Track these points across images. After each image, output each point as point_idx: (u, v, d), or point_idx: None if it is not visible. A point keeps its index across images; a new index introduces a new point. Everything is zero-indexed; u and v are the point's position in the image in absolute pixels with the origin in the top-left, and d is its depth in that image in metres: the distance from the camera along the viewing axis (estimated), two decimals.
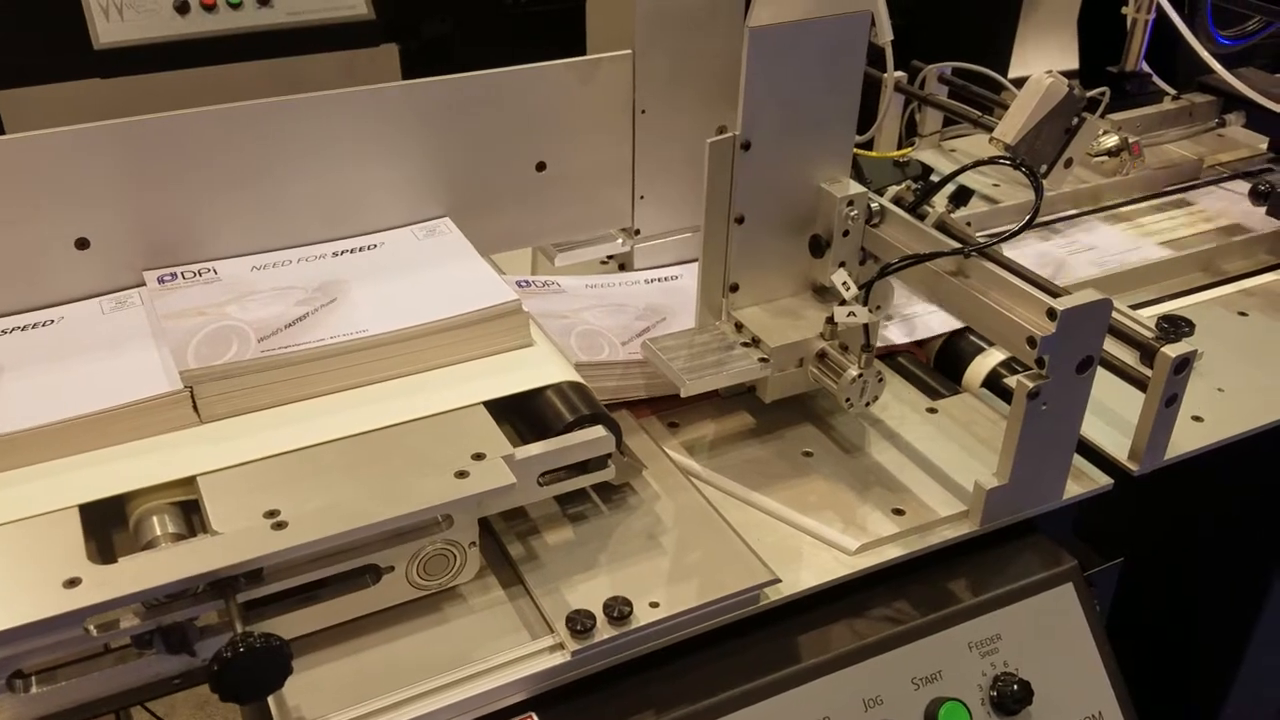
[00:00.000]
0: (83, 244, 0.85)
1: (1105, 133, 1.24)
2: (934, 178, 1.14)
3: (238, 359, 0.76)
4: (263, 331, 0.79)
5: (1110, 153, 1.25)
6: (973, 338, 0.99)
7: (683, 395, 0.85)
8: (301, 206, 0.91)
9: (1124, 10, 1.45)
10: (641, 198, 1.04)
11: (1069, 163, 1.13)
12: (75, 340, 0.81)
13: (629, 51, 0.97)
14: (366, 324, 0.80)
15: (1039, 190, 0.84)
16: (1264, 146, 1.37)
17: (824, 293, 0.91)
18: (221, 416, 0.76)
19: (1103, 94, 1.21)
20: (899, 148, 1.28)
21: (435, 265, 0.89)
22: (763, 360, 0.86)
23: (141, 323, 0.83)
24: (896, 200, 0.91)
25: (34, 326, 0.83)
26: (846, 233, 0.88)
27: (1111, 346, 0.83)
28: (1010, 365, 0.94)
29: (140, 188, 0.85)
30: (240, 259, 0.88)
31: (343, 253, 0.90)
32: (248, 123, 0.86)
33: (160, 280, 0.85)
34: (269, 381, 0.77)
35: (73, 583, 0.62)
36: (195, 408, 0.76)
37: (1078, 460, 0.84)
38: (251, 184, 0.88)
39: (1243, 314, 1.07)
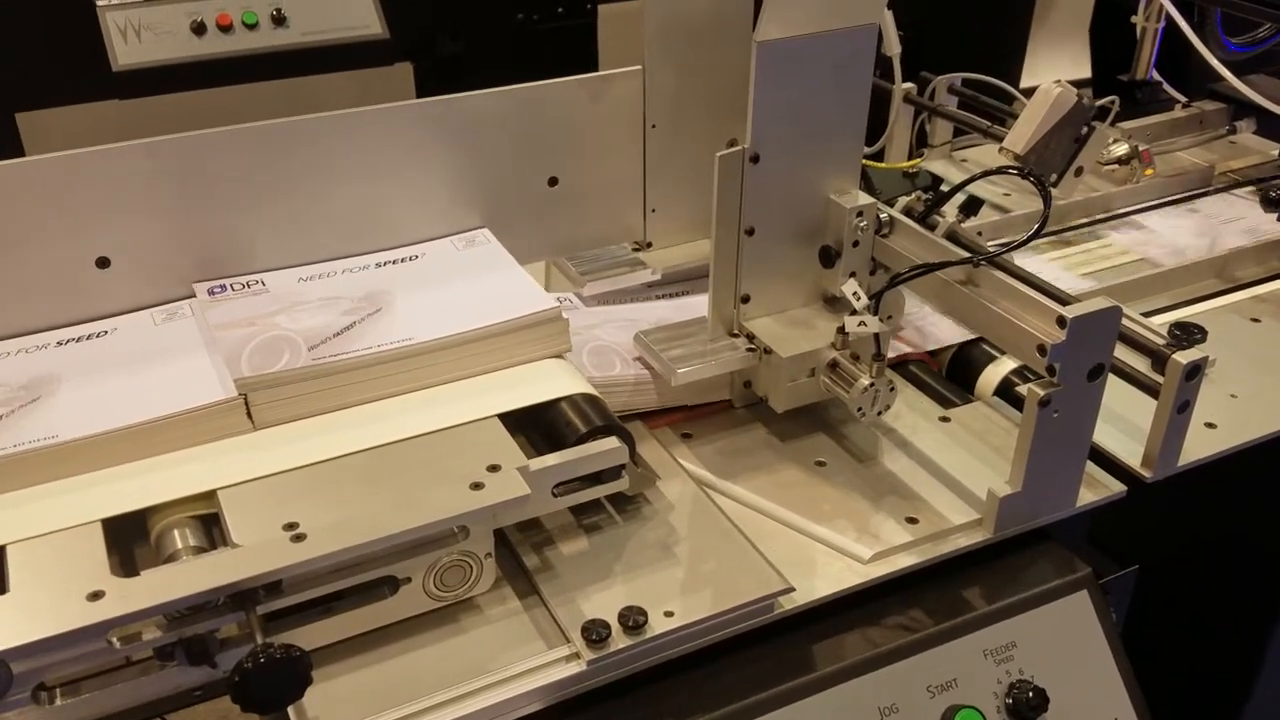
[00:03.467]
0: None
1: (1115, 141, 1.25)
2: (944, 187, 1.15)
3: (290, 367, 0.79)
4: (313, 340, 0.81)
5: (1121, 161, 1.25)
6: (985, 346, 0.99)
7: (673, 385, 0.87)
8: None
9: (1134, 19, 1.45)
10: (653, 211, 1.05)
11: (1079, 171, 1.14)
12: (128, 351, 0.84)
13: (639, 67, 0.98)
14: (412, 332, 0.83)
15: (1047, 200, 0.85)
16: (1275, 153, 1.37)
17: (835, 303, 0.92)
18: (274, 423, 0.79)
19: (1112, 102, 1.21)
20: (909, 158, 1.29)
21: (476, 274, 0.91)
22: (750, 350, 0.88)
23: (193, 333, 0.85)
24: (907, 210, 0.91)
25: (88, 338, 0.85)
26: (856, 243, 0.89)
27: (1123, 353, 0.84)
28: (1022, 373, 0.95)
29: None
30: (287, 271, 0.91)
31: (385, 264, 0.93)
32: (270, 140, 0.88)
33: (210, 292, 0.88)
34: (320, 389, 0.79)
35: (96, 596, 0.63)
36: (249, 414, 0.78)
37: (1091, 468, 0.84)
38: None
39: (1255, 320, 1.07)
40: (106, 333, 0.86)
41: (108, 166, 0.84)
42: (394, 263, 0.93)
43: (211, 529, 0.72)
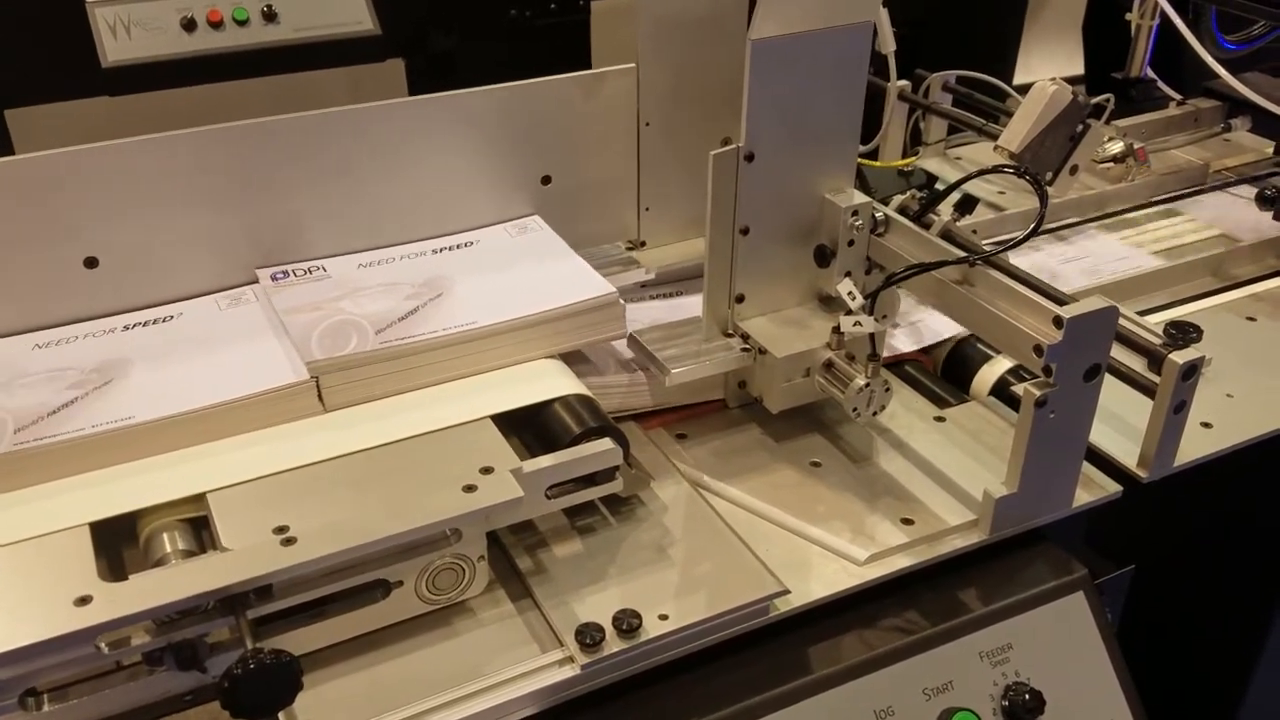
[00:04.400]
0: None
1: (1110, 139, 1.25)
2: (939, 186, 1.15)
3: (359, 350, 0.80)
4: (379, 324, 0.83)
5: (1116, 159, 1.25)
6: (980, 345, 0.99)
7: (667, 385, 0.87)
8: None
9: (1128, 16, 1.45)
10: (647, 209, 1.04)
11: (1074, 169, 1.13)
12: (196, 335, 0.86)
13: (633, 65, 0.97)
14: (475, 316, 0.85)
15: (1043, 198, 0.84)
16: (1270, 151, 1.37)
17: (830, 302, 0.92)
18: (344, 405, 0.80)
19: (1107, 100, 1.21)
20: (904, 157, 1.28)
21: (532, 260, 0.94)
22: (744, 350, 0.88)
23: (259, 318, 0.87)
24: (902, 209, 0.91)
25: (155, 322, 0.87)
26: (851, 242, 0.88)
27: (1119, 353, 0.83)
28: (1018, 373, 0.94)
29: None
30: (345, 257, 0.93)
31: (442, 250, 0.95)
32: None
33: (273, 277, 0.90)
34: (389, 371, 0.81)
35: (84, 601, 0.62)
36: (320, 397, 0.80)
37: (1087, 468, 0.84)
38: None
39: (1251, 319, 1.07)
40: (173, 317, 0.88)
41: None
42: (450, 249, 0.95)
43: (201, 532, 0.71)
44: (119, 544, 0.72)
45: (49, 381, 0.79)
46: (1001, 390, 0.95)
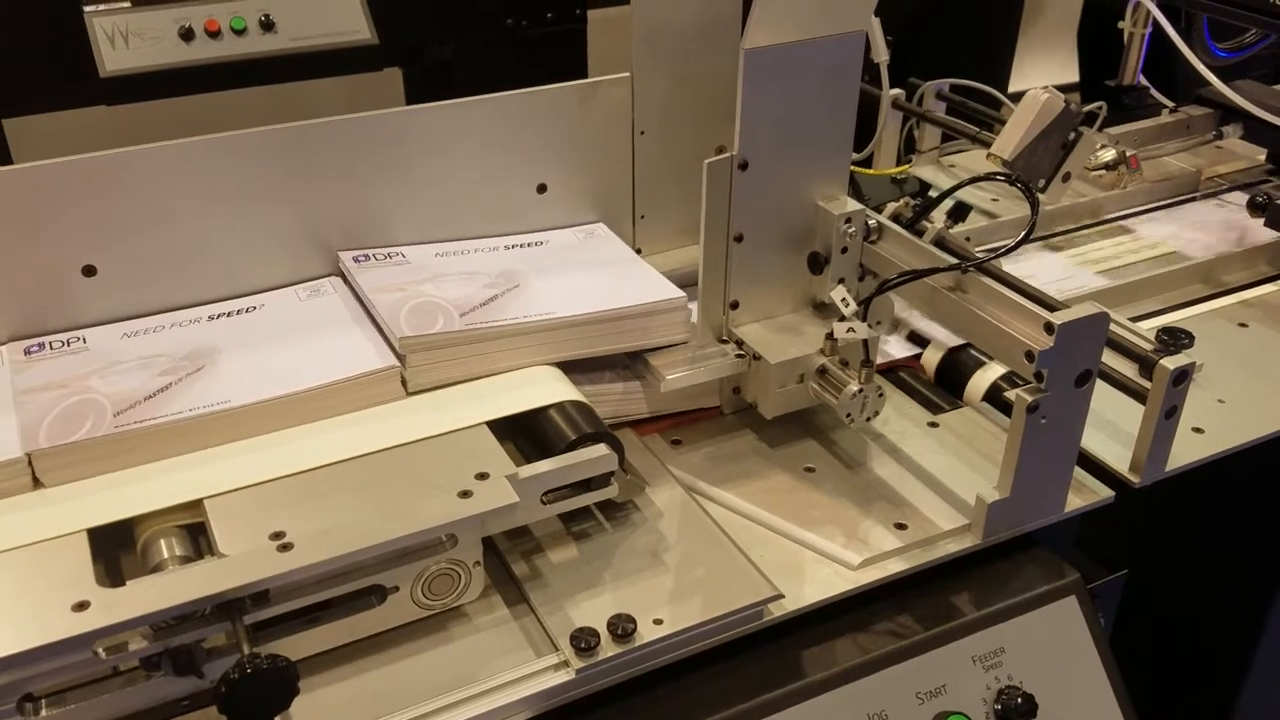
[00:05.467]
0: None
1: (1103, 146, 1.25)
2: (932, 193, 1.15)
3: (446, 329, 0.83)
4: (462, 308, 0.86)
5: (1108, 166, 1.26)
6: (973, 351, 0.99)
7: (662, 391, 0.88)
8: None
9: (1120, 24, 1.46)
10: (642, 217, 1.05)
11: (1067, 177, 1.14)
12: (279, 324, 0.89)
13: (628, 74, 0.98)
14: (553, 307, 0.87)
15: (1034, 205, 0.85)
16: (1262, 158, 1.38)
17: (824, 309, 0.92)
18: (427, 387, 0.83)
19: (1100, 108, 1.21)
20: (898, 164, 1.29)
21: (601, 262, 0.96)
22: (739, 357, 0.88)
23: (339, 308, 0.90)
24: (895, 217, 0.91)
25: (239, 313, 0.90)
26: (845, 249, 0.89)
27: (1111, 359, 0.84)
28: (1010, 379, 0.95)
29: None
30: (423, 246, 0.97)
31: (514, 246, 0.98)
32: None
33: (355, 260, 0.93)
34: (471, 354, 0.84)
35: (81, 606, 0.63)
36: (404, 381, 0.83)
37: (1079, 473, 0.85)
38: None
39: (1242, 325, 1.07)
40: (255, 308, 0.91)
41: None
42: (522, 246, 0.98)
43: (198, 538, 0.72)
44: (116, 550, 0.72)
45: (142, 368, 0.82)
46: (994, 396, 0.95)
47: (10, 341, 0.86)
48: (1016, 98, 1.17)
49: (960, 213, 0.96)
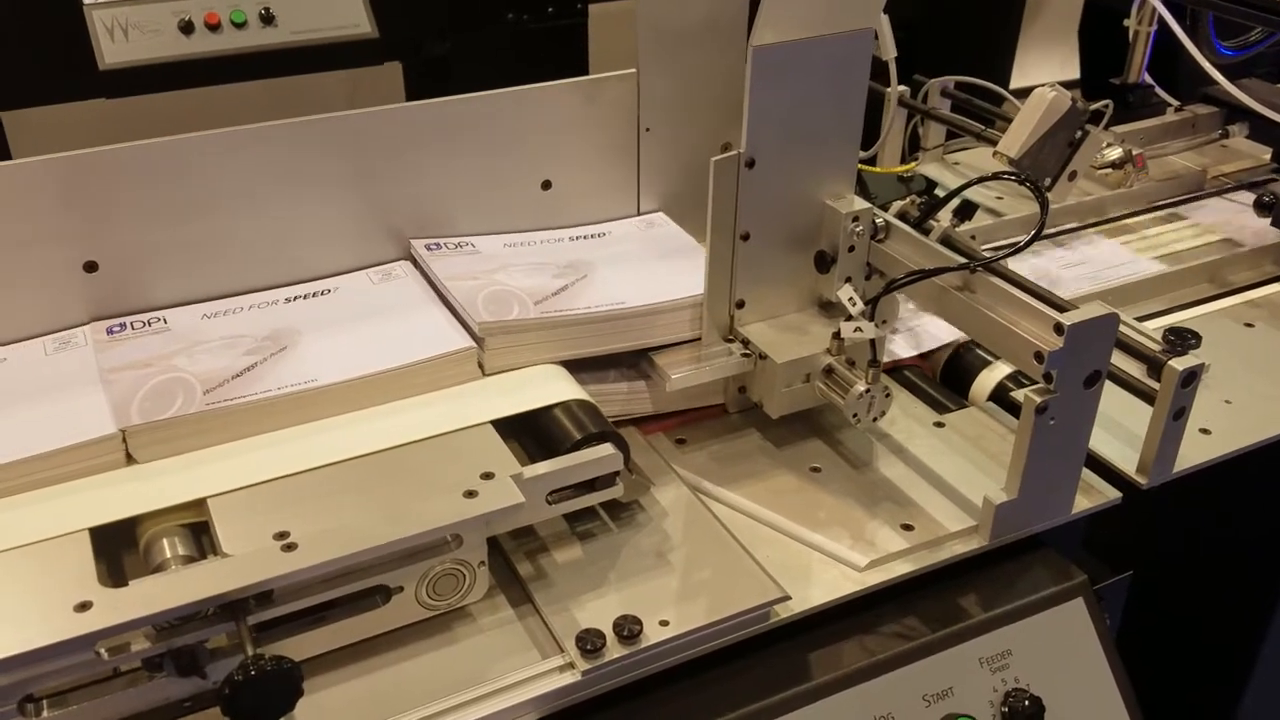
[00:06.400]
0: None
1: (1109, 145, 1.25)
2: (938, 192, 1.15)
3: (522, 317, 0.86)
4: (535, 296, 0.89)
5: (1114, 165, 1.25)
6: (979, 350, 0.99)
7: (667, 390, 0.87)
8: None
9: (1126, 22, 1.45)
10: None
11: (1073, 175, 1.13)
12: (356, 306, 0.91)
13: (633, 70, 0.97)
14: (624, 296, 0.89)
15: (1044, 205, 0.84)
16: (1267, 157, 1.37)
17: (830, 308, 0.92)
18: (502, 369, 0.86)
19: (1106, 106, 1.21)
20: (903, 162, 1.29)
21: (664, 254, 0.97)
22: (745, 356, 0.88)
23: (415, 290, 0.92)
24: (901, 215, 0.91)
25: (315, 295, 0.92)
26: (852, 248, 0.88)
27: (1118, 360, 0.83)
28: (1017, 378, 0.94)
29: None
30: (485, 237, 0.98)
31: (577, 238, 1.00)
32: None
33: (428, 248, 0.95)
34: (544, 340, 0.86)
35: (84, 606, 0.62)
36: (480, 364, 0.85)
37: (1086, 474, 0.84)
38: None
39: (1249, 325, 1.07)
40: (330, 291, 0.93)
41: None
42: (586, 237, 1.00)
43: (201, 538, 0.71)
44: (119, 549, 0.72)
45: (227, 348, 0.84)
46: (1000, 396, 0.95)
47: (92, 322, 0.88)
48: (1018, 94, 1.16)
49: (967, 211, 0.95)
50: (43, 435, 0.75)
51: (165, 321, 0.88)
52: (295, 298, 0.92)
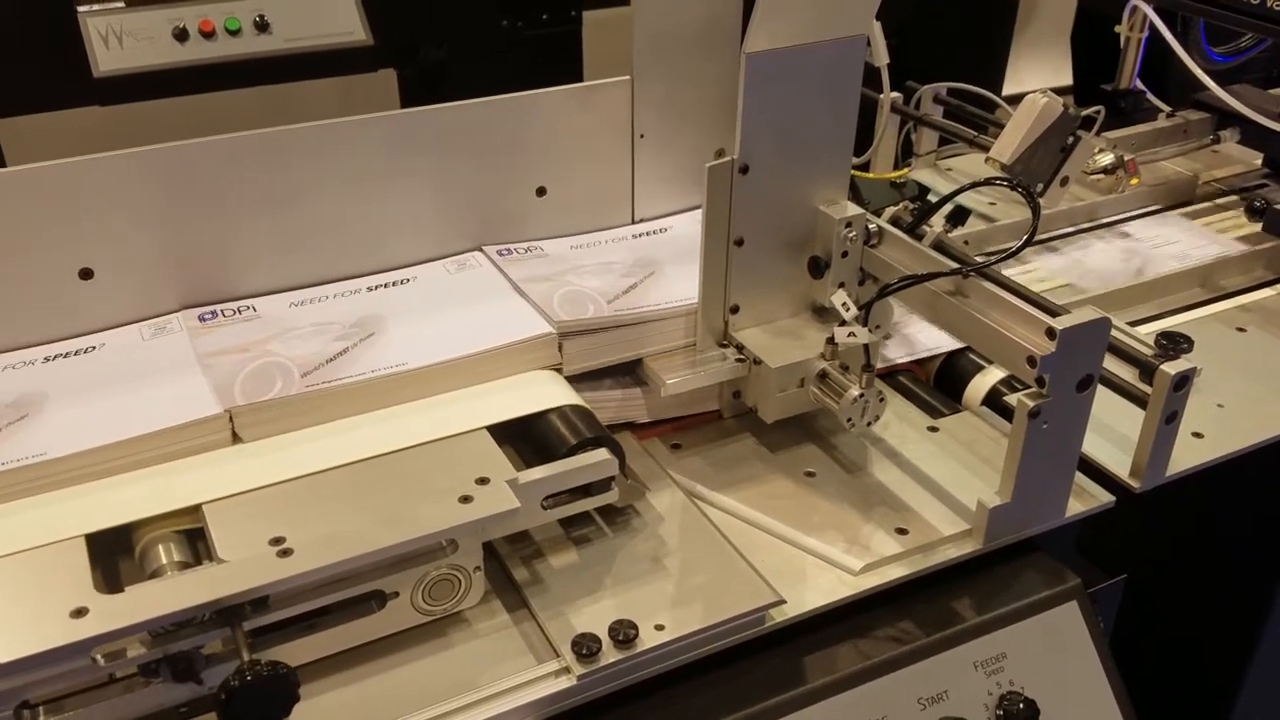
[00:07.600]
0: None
1: (1101, 150, 1.25)
2: (931, 197, 1.15)
3: (597, 316, 0.89)
4: (608, 296, 0.92)
5: (1106, 170, 1.26)
6: (972, 355, 0.99)
7: (662, 395, 0.88)
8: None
9: (1117, 29, 1.46)
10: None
11: (1065, 181, 1.14)
12: (435, 294, 0.94)
13: (628, 77, 0.98)
14: (690, 292, 0.90)
15: (1036, 210, 0.85)
16: (1259, 163, 1.38)
17: (824, 313, 0.92)
18: (578, 369, 0.88)
19: (1098, 112, 1.21)
20: (896, 168, 1.29)
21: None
22: (739, 361, 0.89)
23: (494, 279, 0.96)
24: (894, 221, 0.91)
25: (394, 284, 0.96)
26: (845, 254, 0.89)
27: (1111, 364, 0.84)
28: (1010, 383, 0.95)
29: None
30: (551, 241, 1.02)
31: (641, 235, 1.03)
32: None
33: (500, 254, 0.99)
34: (618, 339, 0.89)
35: (80, 612, 0.62)
36: (560, 349, 0.87)
37: (1079, 478, 0.85)
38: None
39: (1241, 330, 1.07)
40: (408, 280, 0.96)
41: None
42: (648, 234, 1.03)
43: (197, 544, 0.71)
44: (115, 556, 0.72)
45: (318, 334, 0.87)
46: (994, 400, 0.95)
47: (183, 309, 0.91)
48: (1011, 100, 1.17)
49: (959, 217, 0.96)
50: (149, 416, 0.77)
51: (255, 309, 0.91)
52: (376, 286, 0.95)
